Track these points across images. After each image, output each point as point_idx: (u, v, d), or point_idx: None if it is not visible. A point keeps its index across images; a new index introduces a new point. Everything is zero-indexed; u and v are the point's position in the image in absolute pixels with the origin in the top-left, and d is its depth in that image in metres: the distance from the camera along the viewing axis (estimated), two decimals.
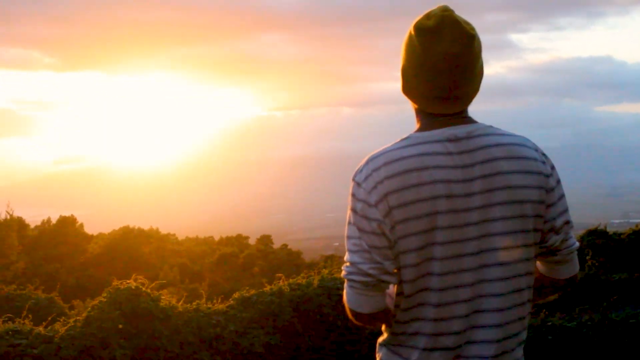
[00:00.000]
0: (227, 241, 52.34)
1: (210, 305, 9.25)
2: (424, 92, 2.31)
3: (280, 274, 9.85)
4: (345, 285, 2.38)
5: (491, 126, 2.38)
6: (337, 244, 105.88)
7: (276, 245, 50.74)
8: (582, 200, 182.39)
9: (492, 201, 2.28)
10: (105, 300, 8.28)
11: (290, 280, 9.85)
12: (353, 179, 2.35)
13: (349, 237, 2.34)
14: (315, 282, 9.72)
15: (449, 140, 2.30)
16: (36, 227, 45.04)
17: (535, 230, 2.36)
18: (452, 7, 2.32)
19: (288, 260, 45.19)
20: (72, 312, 15.40)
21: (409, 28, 2.36)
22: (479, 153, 2.30)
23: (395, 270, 2.31)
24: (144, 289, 8.48)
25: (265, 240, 51.60)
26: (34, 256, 38.52)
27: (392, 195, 2.24)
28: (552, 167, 2.41)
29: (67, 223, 43.88)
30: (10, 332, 7.72)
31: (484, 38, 2.78)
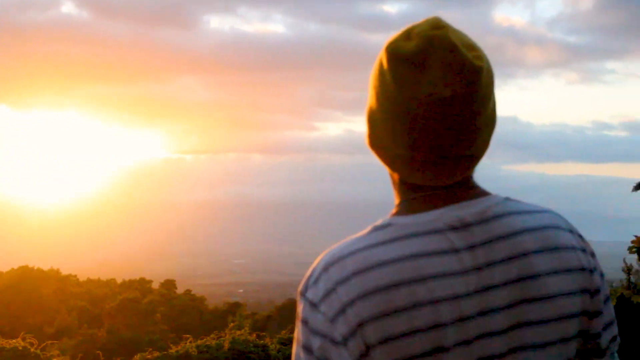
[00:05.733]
0: (129, 284, 51.30)
1: None
2: (401, 151, 1.43)
3: (187, 335, 9.44)
4: None
5: (508, 198, 1.55)
6: (241, 290, 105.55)
7: (180, 289, 50.10)
8: None
9: (523, 319, 1.45)
10: None
11: (199, 342, 9.36)
12: (302, 294, 1.46)
13: None
14: (226, 345, 9.18)
15: (453, 228, 1.45)
16: None
17: (576, 355, 1.56)
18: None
19: (191, 306, 44.64)
20: None
21: (380, 50, 1.47)
22: (501, 246, 1.46)
23: None
24: (32, 349, 7.94)
25: (169, 284, 50.81)
26: None
27: (370, 325, 1.36)
28: (593, 254, 1.60)
29: None
30: None
31: None
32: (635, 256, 12.00)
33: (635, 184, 12.34)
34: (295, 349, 1.45)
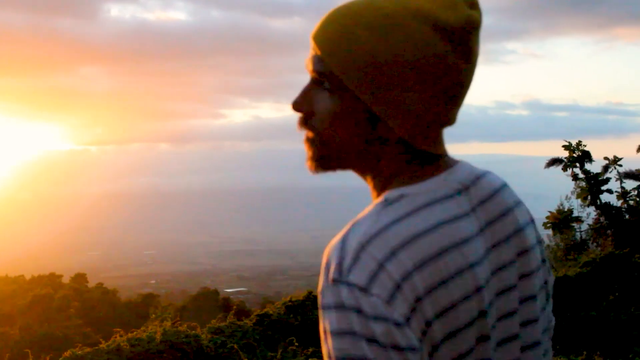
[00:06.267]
0: (39, 280, 50.36)
1: None
2: (426, 105, 1.37)
3: (118, 329, 9.37)
4: None
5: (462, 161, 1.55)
6: (153, 281, 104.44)
7: (91, 283, 49.51)
8: None
9: (525, 271, 1.50)
10: None
11: (130, 335, 9.24)
12: (339, 281, 1.28)
13: None
14: (158, 337, 9.07)
15: (459, 192, 1.43)
16: None
17: None
18: None
19: (103, 299, 44.23)
20: None
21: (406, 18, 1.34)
22: (493, 204, 1.48)
23: None
24: None
25: (80, 279, 50.07)
26: None
27: (426, 299, 1.29)
28: None
29: None
30: None
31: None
32: (549, 231, 12.40)
33: (547, 161, 12.83)
34: (346, 342, 1.26)
